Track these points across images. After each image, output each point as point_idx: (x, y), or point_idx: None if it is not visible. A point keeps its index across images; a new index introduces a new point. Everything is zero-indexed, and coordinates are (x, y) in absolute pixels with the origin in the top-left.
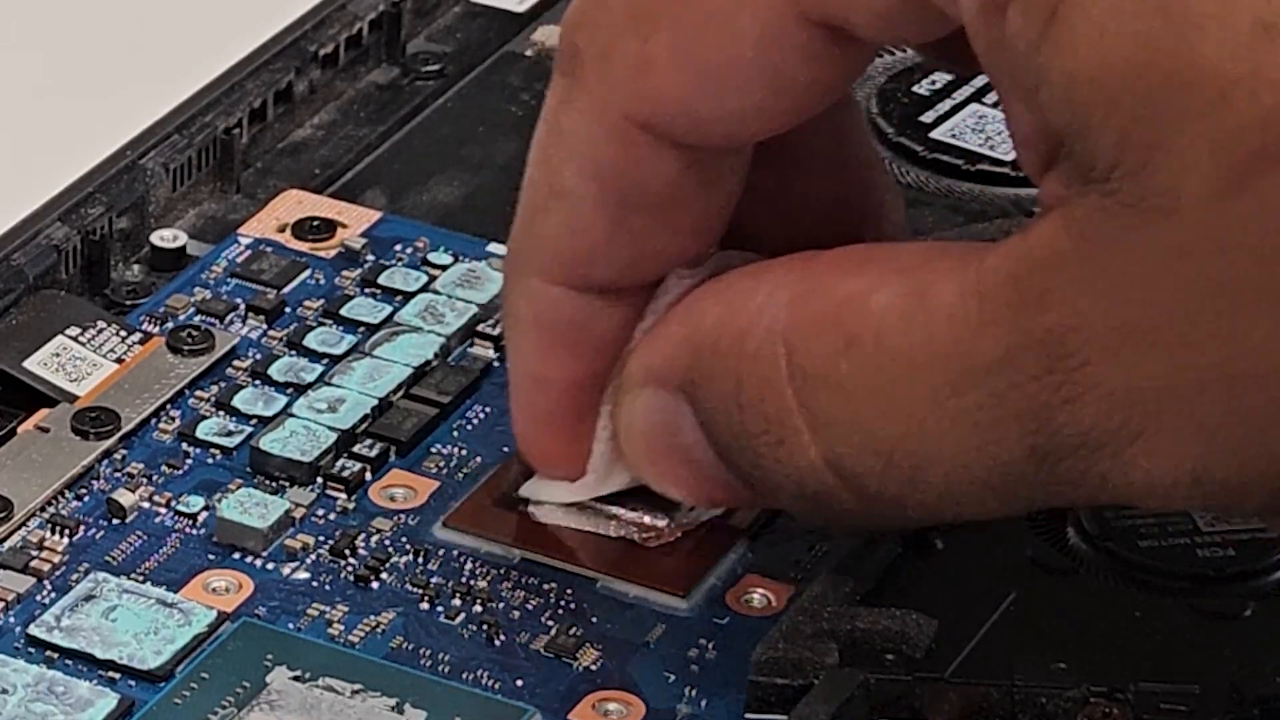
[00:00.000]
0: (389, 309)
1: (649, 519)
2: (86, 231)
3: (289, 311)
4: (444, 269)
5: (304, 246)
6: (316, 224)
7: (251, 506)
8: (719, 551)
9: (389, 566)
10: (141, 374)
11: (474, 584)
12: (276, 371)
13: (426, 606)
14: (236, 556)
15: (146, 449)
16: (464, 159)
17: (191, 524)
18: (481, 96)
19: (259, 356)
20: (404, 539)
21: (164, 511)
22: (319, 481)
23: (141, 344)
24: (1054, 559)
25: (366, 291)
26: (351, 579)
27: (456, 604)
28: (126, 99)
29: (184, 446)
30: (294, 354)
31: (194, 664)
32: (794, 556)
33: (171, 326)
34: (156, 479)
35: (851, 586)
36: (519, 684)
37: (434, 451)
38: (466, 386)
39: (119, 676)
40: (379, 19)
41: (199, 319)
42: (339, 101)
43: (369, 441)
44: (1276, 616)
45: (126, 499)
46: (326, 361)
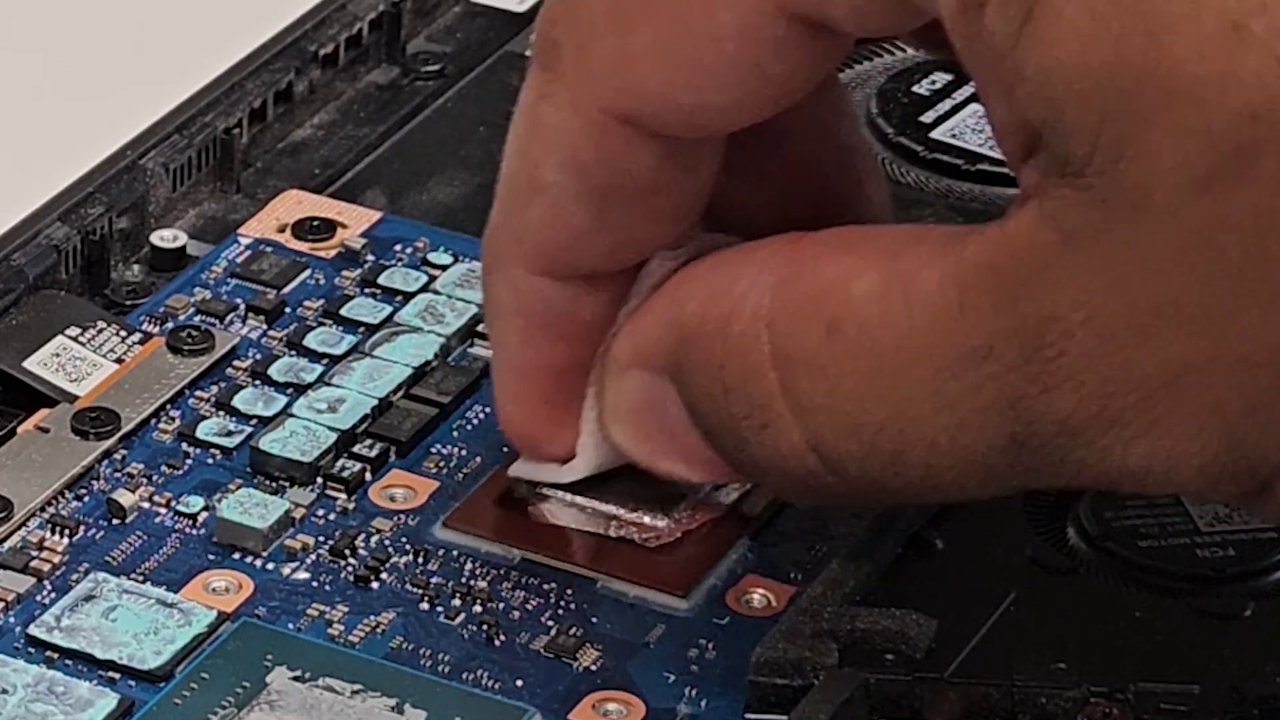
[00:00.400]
0: (389, 309)
1: (649, 519)
2: (86, 231)
3: (289, 311)
4: (444, 269)
5: (304, 246)
6: (316, 224)
7: (251, 506)
8: (719, 551)
9: (389, 566)
10: (141, 374)
11: (474, 584)
12: (276, 371)
13: (426, 606)
14: (236, 556)
15: (146, 449)
16: (464, 159)
17: (191, 524)
18: (481, 96)
19: (259, 356)
20: (404, 539)
21: (164, 511)
22: (319, 481)
23: (141, 344)
24: (1054, 559)
25: (366, 291)
26: (351, 579)
27: (456, 604)
28: (126, 99)
29: (184, 446)
30: (294, 354)
31: (194, 664)
32: (794, 556)
33: (171, 326)
34: (156, 479)
35: (851, 586)
36: (519, 684)
37: (434, 451)
38: (466, 386)
39: (119, 676)
40: (379, 19)
41: (199, 319)
42: (339, 101)
43: (369, 441)
44: (1276, 616)
45: (126, 499)
46: (326, 361)
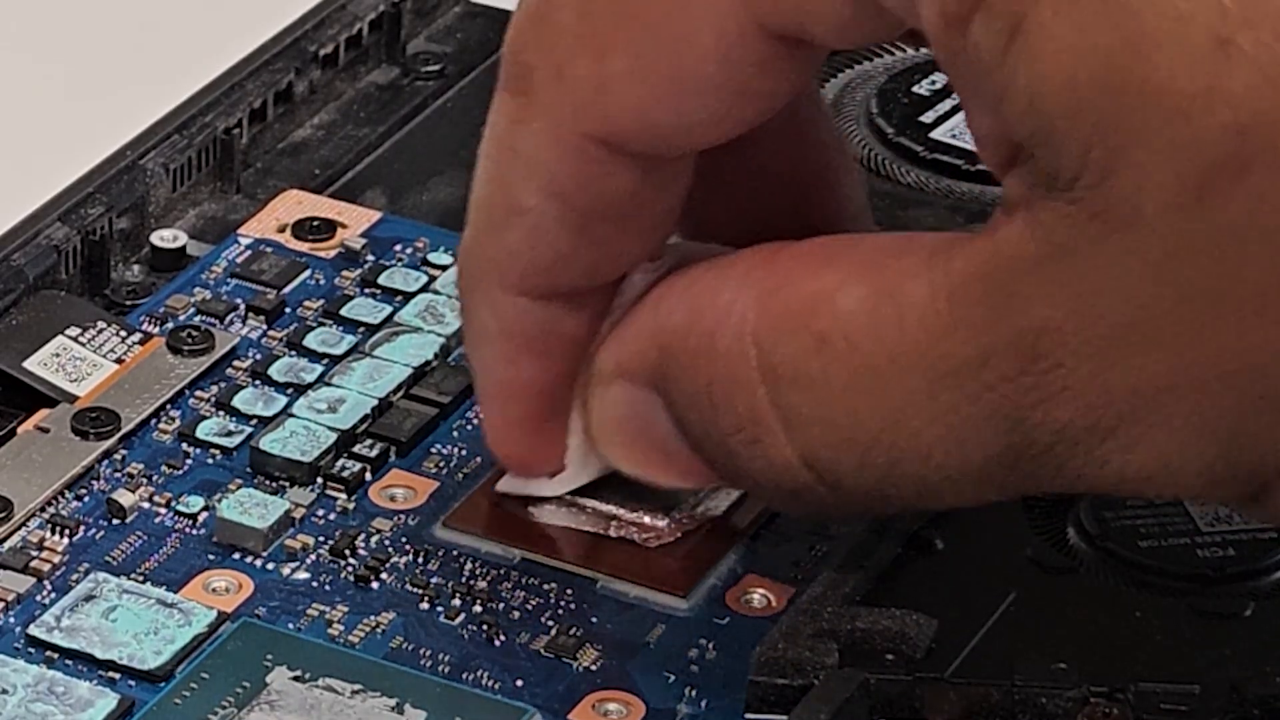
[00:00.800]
0: (389, 309)
1: (649, 519)
2: (86, 231)
3: (289, 312)
4: (444, 269)
5: (304, 246)
6: (316, 224)
7: (251, 506)
8: (719, 551)
9: (389, 566)
10: (141, 374)
11: (474, 584)
12: (276, 372)
13: (426, 606)
14: (236, 556)
15: (146, 449)
16: (464, 159)
17: (191, 524)
18: (481, 96)
19: (259, 357)
20: (404, 539)
21: (164, 511)
22: (319, 481)
23: (141, 344)
24: (1054, 559)
25: (366, 291)
26: (351, 579)
27: (456, 604)
28: (126, 99)
29: (184, 446)
30: (294, 354)
31: (194, 664)
32: (794, 556)
33: (171, 327)
34: (156, 479)
35: (851, 586)
36: (519, 684)
37: (434, 451)
38: (466, 386)
39: (119, 676)
40: (379, 19)
41: (199, 319)
42: (339, 101)
43: (369, 441)
44: (1276, 616)
45: (126, 499)
46: (326, 361)
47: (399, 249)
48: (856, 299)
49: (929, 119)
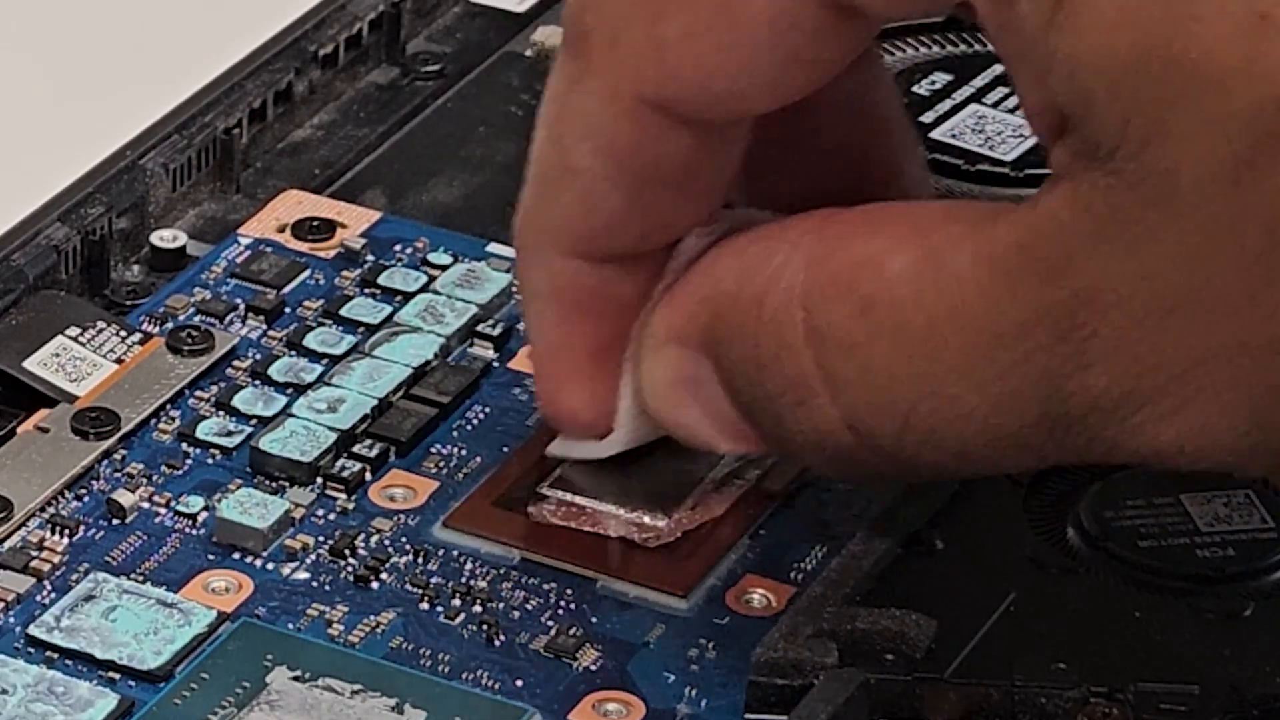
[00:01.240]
0: (389, 309)
1: (649, 519)
2: (86, 231)
3: (289, 312)
4: (444, 269)
5: (304, 246)
6: (316, 224)
7: (251, 506)
8: (719, 551)
9: (389, 566)
10: (141, 374)
11: (474, 584)
12: (276, 371)
13: (426, 606)
14: (236, 556)
15: (146, 449)
16: (464, 159)
17: (191, 524)
18: (481, 96)
19: (259, 356)
20: (404, 539)
21: (164, 511)
22: (319, 481)
23: (141, 344)
24: (1054, 559)
25: (366, 291)
26: (351, 579)
27: (456, 604)
28: (126, 99)
29: (184, 446)
30: (294, 354)
31: (194, 664)
32: (794, 556)
33: (171, 326)
34: (156, 479)
35: (851, 586)
36: (519, 684)
37: (434, 451)
38: (466, 386)
39: (119, 676)
40: (379, 19)
41: (199, 319)
42: (339, 101)
43: (369, 441)
44: (1276, 616)
45: (126, 499)
46: (326, 361)
47: (399, 249)
48: (902, 265)
49: (929, 119)
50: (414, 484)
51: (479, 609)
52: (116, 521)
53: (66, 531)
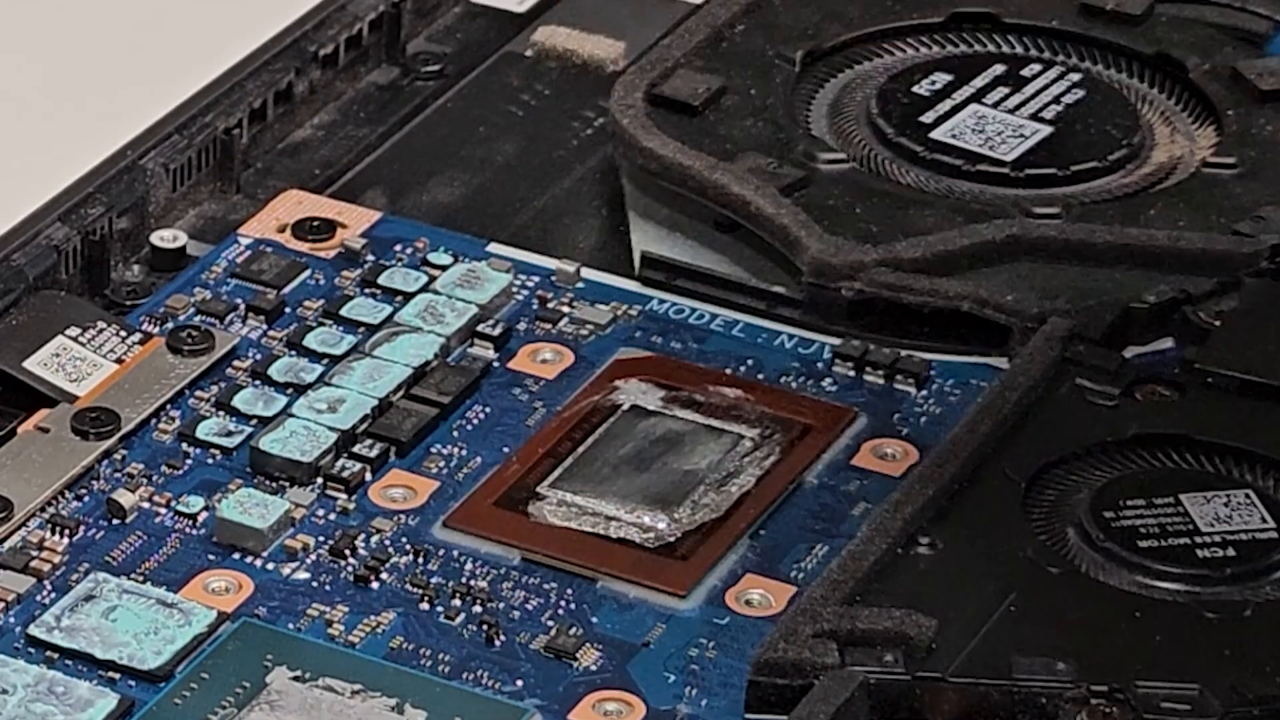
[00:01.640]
0: (389, 309)
1: (649, 519)
2: (86, 231)
3: (289, 311)
4: (444, 269)
5: (304, 246)
6: (316, 224)
7: (251, 506)
8: (719, 551)
9: (389, 566)
10: (141, 374)
11: (474, 584)
12: (276, 371)
13: (426, 606)
14: (236, 556)
15: (146, 449)
16: (464, 159)
17: (191, 524)
18: (481, 96)
19: (259, 356)
20: (404, 539)
21: (164, 511)
22: (319, 481)
23: (141, 344)
24: (1054, 559)
25: (366, 291)
26: (351, 579)
27: (456, 604)
28: (126, 99)
29: (184, 446)
30: (294, 354)
31: (194, 664)
32: (794, 556)
33: (171, 326)
34: (156, 479)
35: (851, 586)
36: (519, 684)
37: (434, 451)
38: (466, 386)
39: (119, 676)
40: (379, 19)
41: (199, 319)
42: (339, 101)
43: (369, 441)
44: (1276, 616)
45: (126, 499)
46: (326, 361)
47: (399, 249)
48: None
49: (929, 119)
50: (414, 484)
51: (479, 609)
52: (116, 521)
53: (66, 531)
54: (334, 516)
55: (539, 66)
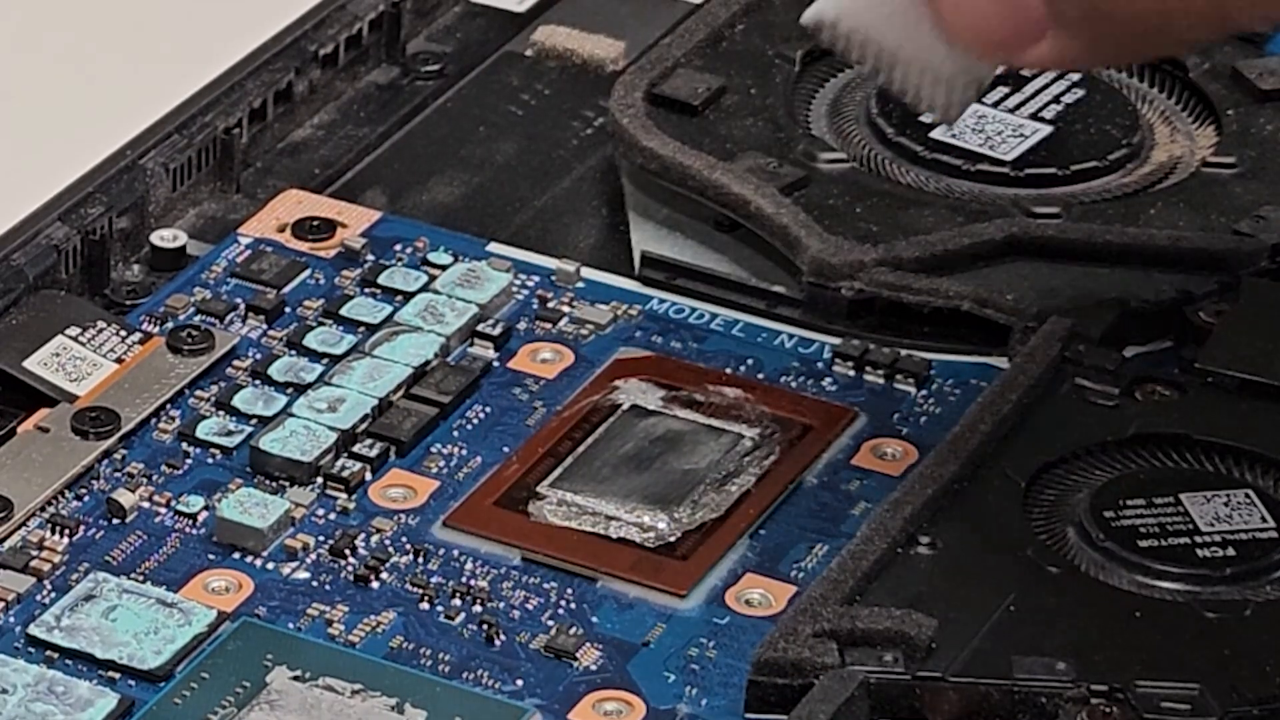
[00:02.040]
0: (389, 309)
1: (649, 519)
2: (86, 231)
3: (289, 311)
4: (444, 269)
5: (304, 246)
6: (316, 224)
7: (251, 506)
8: (719, 551)
9: (389, 566)
10: (141, 374)
11: (474, 584)
12: (276, 371)
13: (426, 606)
14: (236, 556)
15: (146, 449)
16: (464, 159)
17: (191, 524)
18: (481, 96)
19: (259, 356)
20: (404, 539)
21: (164, 511)
22: (319, 481)
23: (141, 344)
24: (1054, 559)
25: (366, 291)
26: (351, 579)
27: (456, 604)
28: (126, 99)
29: (184, 446)
30: (294, 354)
31: (194, 664)
32: (794, 556)
33: (171, 326)
34: (156, 479)
35: (851, 586)
36: (519, 684)
37: (434, 451)
38: (466, 386)
39: (119, 676)
40: (379, 19)
41: (199, 319)
42: (339, 101)
43: (369, 441)
44: (1276, 616)
45: (126, 499)
46: (326, 361)
47: (399, 249)
48: None
49: (929, 119)
50: (414, 484)
51: (479, 609)
52: (116, 521)
53: (66, 531)
54: (334, 516)
55: (539, 66)
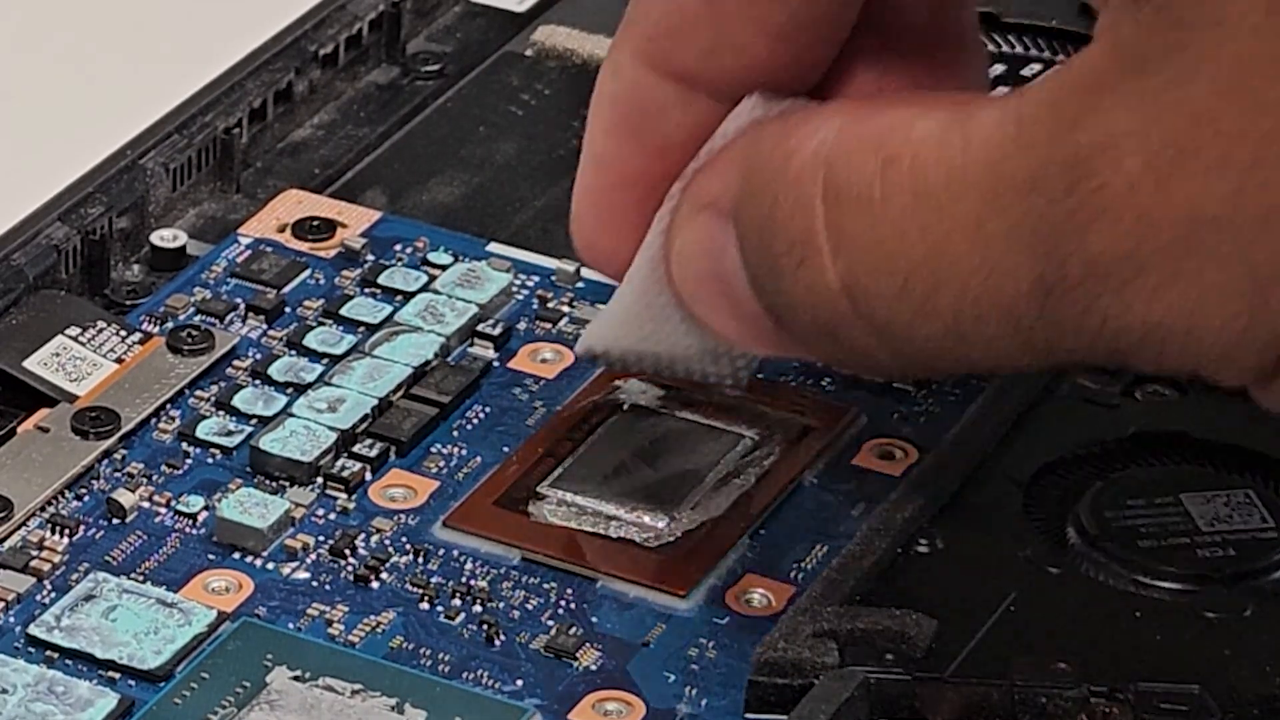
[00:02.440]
0: (389, 309)
1: (649, 519)
2: (86, 231)
3: (289, 311)
4: (444, 269)
5: (304, 246)
6: (316, 224)
7: (251, 506)
8: (719, 551)
9: (389, 566)
10: (141, 374)
11: (474, 584)
12: (276, 371)
13: (426, 606)
14: (236, 556)
15: (146, 449)
16: (464, 159)
17: (191, 524)
18: (481, 96)
19: (259, 356)
20: (404, 539)
21: (164, 511)
22: (319, 481)
23: (141, 344)
24: (1054, 559)
25: (366, 291)
26: (351, 579)
27: (456, 604)
28: (126, 99)
29: (184, 446)
30: (294, 354)
31: (194, 664)
32: (794, 556)
33: (171, 326)
34: (156, 479)
35: (851, 586)
36: (519, 684)
37: (434, 451)
38: (466, 386)
39: (119, 676)
40: (379, 19)
41: (199, 319)
42: (339, 101)
43: (369, 441)
44: (1276, 616)
45: (126, 499)
46: (326, 361)
47: (399, 249)
48: (931, 124)
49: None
50: (414, 484)
51: (479, 609)
52: (116, 521)
53: (66, 531)
54: (334, 516)
55: (539, 66)
